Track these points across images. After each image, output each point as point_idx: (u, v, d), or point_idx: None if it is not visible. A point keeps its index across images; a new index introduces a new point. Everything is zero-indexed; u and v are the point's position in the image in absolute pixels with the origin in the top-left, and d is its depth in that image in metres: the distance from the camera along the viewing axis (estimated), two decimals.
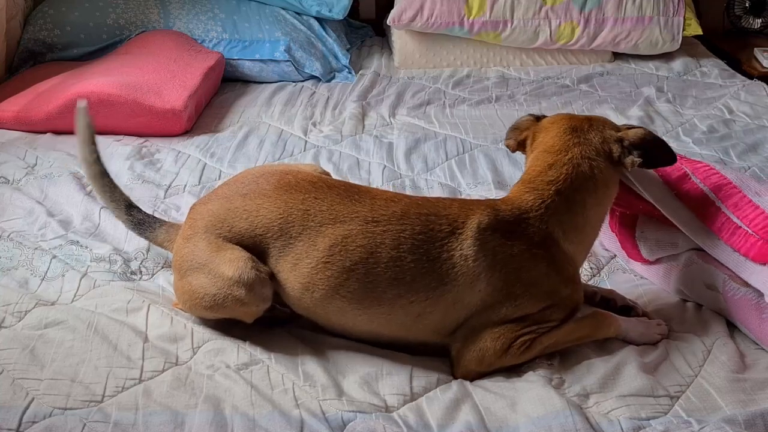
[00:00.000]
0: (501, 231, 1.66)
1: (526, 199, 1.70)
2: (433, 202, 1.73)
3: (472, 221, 1.66)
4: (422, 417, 1.56)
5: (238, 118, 3.07)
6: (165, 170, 2.60)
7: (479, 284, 1.64)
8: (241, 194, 1.77)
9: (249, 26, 3.52)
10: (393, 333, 1.70)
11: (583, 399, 1.59)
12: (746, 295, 1.76)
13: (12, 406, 1.54)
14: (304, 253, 1.67)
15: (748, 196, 1.79)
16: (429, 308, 1.65)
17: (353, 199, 1.70)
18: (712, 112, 3.12)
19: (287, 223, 1.69)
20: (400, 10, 3.62)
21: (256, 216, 1.72)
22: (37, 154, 2.66)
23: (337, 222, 1.67)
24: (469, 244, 1.64)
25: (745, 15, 4.05)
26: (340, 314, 1.69)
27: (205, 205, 1.81)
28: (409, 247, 1.64)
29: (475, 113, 3.14)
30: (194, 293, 1.72)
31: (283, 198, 1.72)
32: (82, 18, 3.47)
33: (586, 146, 1.74)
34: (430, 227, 1.65)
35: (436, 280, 1.63)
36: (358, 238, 1.65)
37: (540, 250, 1.66)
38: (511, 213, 1.68)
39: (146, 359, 1.68)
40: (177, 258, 1.80)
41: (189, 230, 1.80)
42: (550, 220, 1.68)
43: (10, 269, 2.00)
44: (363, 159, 2.72)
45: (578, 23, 3.65)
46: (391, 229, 1.65)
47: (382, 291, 1.64)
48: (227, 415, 1.55)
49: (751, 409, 1.55)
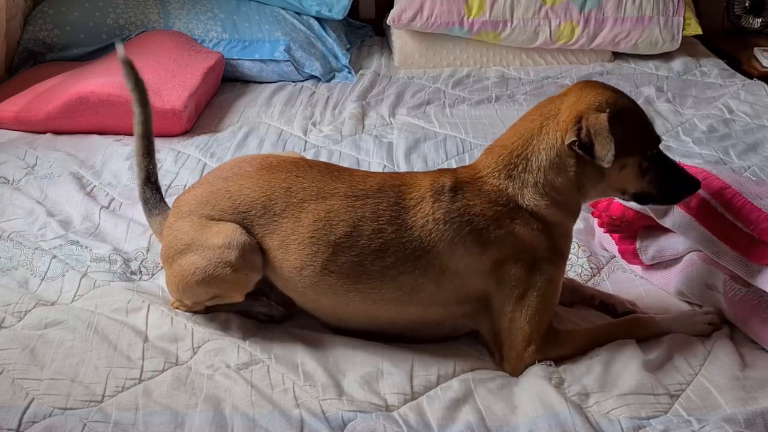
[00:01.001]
0: (462, 191, 1.70)
1: (482, 160, 1.75)
2: (406, 174, 1.79)
3: (436, 185, 1.70)
4: (423, 416, 1.56)
5: (238, 118, 3.07)
6: (165, 170, 2.60)
7: (457, 248, 1.66)
8: (223, 178, 1.80)
9: (249, 26, 3.52)
10: (391, 312, 1.71)
11: (582, 398, 1.59)
12: (747, 295, 1.76)
13: (12, 406, 1.55)
14: (290, 229, 1.70)
15: (748, 199, 1.79)
16: (420, 279, 1.67)
17: (333, 176, 1.74)
18: (712, 112, 3.12)
19: (270, 201, 1.72)
20: (400, 10, 3.62)
21: (239, 195, 1.74)
22: (37, 154, 2.66)
23: (319, 198, 1.71)
24: (437, 207, 1.68)
25: (745, 15, 4.05)
26: (332, 293, 1.70)
27: (188, 193, 1.85)
28: (388, 218, 1.68)
29: (475, 113, 3.14)
30: (184, 273, 1.73)
31: (266, 177, 1.75)
32: (82, 18, 3.47)
33: (551, 118, 1.70)
34: (404, 197, 1.70)
35: (418, 249, 1.66)
36: (340, 212, 1.69)
37: (499, 207, 1.68)
38: (469, 174, 1.73)
39: (146, 359, 1.68)
40: (163, 248, 1.82)
41: (172, 218, 1.82)
42: (501, 176, 1.69)
43: (10, 269, 2.00)
44: (363, 159, 2.72)
45: (578, 23, 3.65)
46: (370, 202, 1.69)
47: (369, 264, 1.67)
48: (227, 415, 1.55)
49: (752, 407, 1.55)
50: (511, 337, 1.68)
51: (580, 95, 1.69)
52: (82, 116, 2.82)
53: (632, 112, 1.70)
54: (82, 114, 2.82)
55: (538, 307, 1.67)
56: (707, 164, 2.61)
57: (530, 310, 1.67)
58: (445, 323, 1.74)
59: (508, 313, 1.67)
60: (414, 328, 1.74)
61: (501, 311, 1.68)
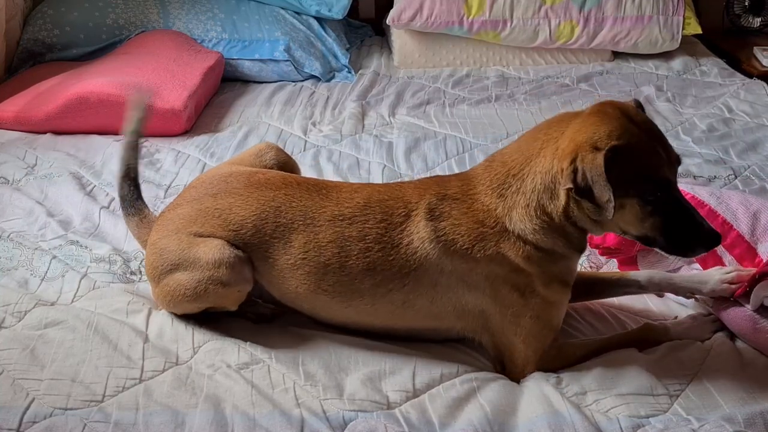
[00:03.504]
0: (450, 209, 1.65)
1: (479, 174, 1.68)
2: (392, 187, 1.75)
3: (422, 202, 1.67)
4: (424, 413, 1.56)
5: (238, 118, 3.07)
6: (165, 170, 2.60)
7: (445, 265, 1.64)
8: (211, 195, 1.78)
9: (248, 26, 3.52)
10: (387, 323, 1.71)
11: (581, 397, 1.59)
12: (738, 306, 1.75)
13: (12, 406, 1.55)
14: (282, 250, 1.70)
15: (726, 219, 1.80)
16: (411, 294, 1.66)
17: (321, 195, 1.73)
18: (711, 111, 3.12)
19: (261, 221, 1.72)
20: (400, 10, 3.62)
21: (228, 213, 1.74)
22: (36, 154, 2.66)
23: (307, 218, 1.70)
24: (422, 225, 1.65)
25: (745, 14, 4.05)
26: (327, 309, 1.71)
27: (173, 211, 1.82)
28: (374, 237, 1.66)
29: (475, 112, 3.14)
30: (174, 292, 1.73)
31: (255, 195, 1.74)
32: (82, 18, 3.47)
33: (551, 146, 1.59)
34: (390, 213, 1.68)
35: (405, 266, 1.65)
36: (327, 234, 1.68)
37: (485, 228, 1.63)
38: (461, 189, 1.68)
39: (146, 359, 1.68)
40: (147, 267, 1.81)
41: (156, 236, 1.80)
42: (493, 195, 1.64)
43: (10, 269, 2.00)
44: (363, 158, 2.72)
45: (578, 22, 3.65)
46: (357, 221, 1.68)
47: (359, 282, 1.66)
48: (228, 414, 1.55)
49: (751, 407, 1.55)
50: (509, 354, 1.68)
51: (584, 123, 1.56)
52: (82, 116, 2.82)
53: (637, 149, 1.52)
54: (82, 114, 2.82)
55: (534, 329, 1.64)
56: (707, 164, 2.62)
57: (525, 331, 1.65)
58: (447, 333, 1.73)
59: (506, 330, 1.66)
60: (415, 334, 1.74)
61: (499, 328, 1.67)
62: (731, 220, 1.83)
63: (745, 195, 1.99)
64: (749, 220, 1.83)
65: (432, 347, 1.74)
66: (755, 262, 1.78)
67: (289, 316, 1.82)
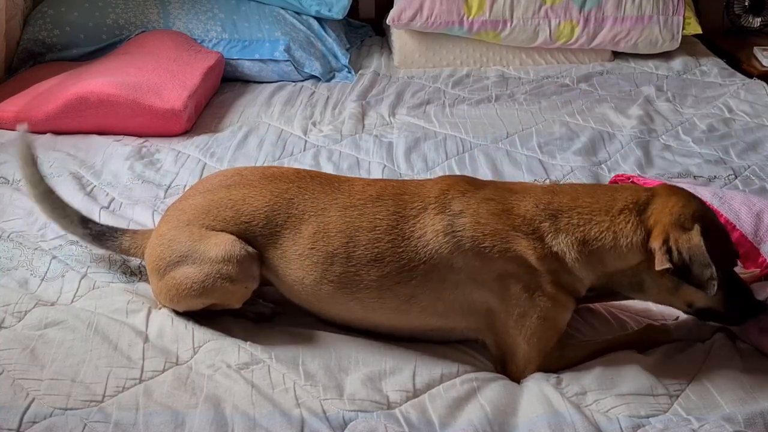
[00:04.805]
0: (476, 207, 1.66)
1: (534, 191, 1.69)
2: (408, 182, 1.76)
3: (442, 197, 1.67)
4: (424, 413, 1.56)
5: (238, 118, 3.07)
6: (165, 170, 2.60)
7: (456, 261, 1.64)
8: (225, 186, 1.79)
9: (248, 26, 3.52)
10: (391, 321, 1.71)
11: (581, 398, 1.59)
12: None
13: (12, 406, 1.55)
14: (291, 240, 1.70)
15: (729, 219, 1.80)
16: (418, 289, 1.66)
17: (334, 187, 1.74)
18: (711, 111, 3.12)
19: (273, 212, 1.72)
20: (400, 10, 3.62)
21: (242, 204, 1.74)
22: (36, 154, 2.65)
23: (318, 210, 1.70)
24: (439, 219, 1.65)
25: (745, 14, 4.05)
26: (333, 301, 1.71)
27: (185, 201, 1.83)
28: (385, 228, 1.66)
29: (475, 112, 3.14)
30: (180, 285, 1.73)
31: (269, 187, 1.75)
32: (82, 18, 3.47)
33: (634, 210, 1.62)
34: (403, 206, 1.68)
35: (414, 259, 1.64)
36: (337, 224, 1.68)
37: (518, 233, 1.63)
38: (496, 193, 1.68)
39: (146, 359, 1.68)
40: (152, 259, 1.80)
41: (165, 227, 1.80)
42: (543, 213, 1.64)
43: (10, 269, 2.00)
44: (363, 158, 2.72)
45: (578, 22, 3.65)
46: (367, 212, 1.68)
47: (365, 274, 1.66)
48: (228, 414, 1.55)
49: (751, 407, 1.55)
50: (511, 354, 1.68)
51: (666, 203, 1.61)
52: (82, 116, 2.82)
53: (717, 226, 1.63)
54: (82, 114, 2.82)
55: (539, 329, 1.65)
56: (707, 164, 2.62)
57: (530, 332, 1.65)
58: (451, 333, 1.74)
59: (510, 330, 1.66)
60: (418, 334, 1.74)
61: (503, 328, 1.67)
62: (734, 220, 1.83)
63: (747, 195, 1.99)
64: (752, 220, 1.83)
65: (432, 347, 1.74)
66: (758, 263, 1.78)
67: (290, 316, 1.83)
